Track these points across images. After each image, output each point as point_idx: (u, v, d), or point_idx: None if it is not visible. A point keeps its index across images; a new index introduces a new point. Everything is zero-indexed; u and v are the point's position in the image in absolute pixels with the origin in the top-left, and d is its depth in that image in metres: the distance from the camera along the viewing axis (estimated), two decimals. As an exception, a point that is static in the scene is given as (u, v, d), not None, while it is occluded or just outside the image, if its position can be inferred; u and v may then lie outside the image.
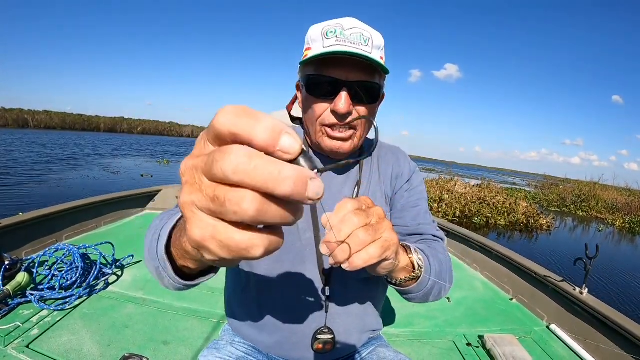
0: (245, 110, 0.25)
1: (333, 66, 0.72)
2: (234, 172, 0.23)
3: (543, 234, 10.13)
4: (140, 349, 1.59)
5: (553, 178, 26.93)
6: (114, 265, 2.32)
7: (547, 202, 16.77)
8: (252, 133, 0.24)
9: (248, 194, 0.23)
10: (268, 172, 0.23)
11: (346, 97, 0.72)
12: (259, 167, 0.23)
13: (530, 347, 1.92)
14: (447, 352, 1.85)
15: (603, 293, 5.43)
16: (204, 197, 0.25)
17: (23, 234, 2.41)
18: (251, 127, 0.24)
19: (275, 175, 0.23)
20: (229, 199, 0.24)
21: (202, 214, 0.26)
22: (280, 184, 0.23)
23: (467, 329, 2.10)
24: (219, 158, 0.23)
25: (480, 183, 14.95)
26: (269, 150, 0.24)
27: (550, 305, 2.33)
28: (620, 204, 17.07)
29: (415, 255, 0.64)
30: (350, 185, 0.88)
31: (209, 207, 0.25)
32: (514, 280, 2.70)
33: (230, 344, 0.94)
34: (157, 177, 13.17)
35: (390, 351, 0.96)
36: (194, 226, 0.27)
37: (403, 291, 0.68)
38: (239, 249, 0.26)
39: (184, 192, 0.27)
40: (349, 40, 0.72)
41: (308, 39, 0.77)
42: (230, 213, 0.24)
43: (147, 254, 0.55)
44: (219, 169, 0.23)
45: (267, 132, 0.24)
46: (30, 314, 1.71)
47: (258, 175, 0.23)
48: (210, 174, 0.24)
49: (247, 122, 0.24)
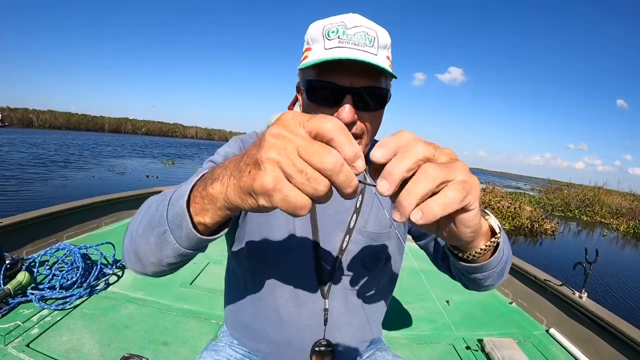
0: (344, 129, 0.34)
1: (336, 71, 0.67)
2: (331, 169, 0.33)
3: (547, 238, 10.14)
4: (140, 350, 1.59)
5: (557, 182, 26.94)
6: (115, 265, 2.32)
7: (551, 207, 16.79)
8: (344, 149, 0.33)
9: (326, 181, 0.34)
10: (345, 176, 0.33)
11: (350, 107, 0.67)
12: (344, 171, 0.33)
13: (529, 351, 1.92)
14: (446, 356, 1.85)
15: (606, 298, 5.43)
16: (292, 165, 0.34)
17: (24, 234, 2.41)
18: (345, 144, 0.34)
19: (349, 180, 0.34)
20: (314, 178, 0.33)
21: (279, 170, 0.34)
22: (348, 186, 0.34)
23: (466, 332, 2.10)
24: (324, 153, 0.33)
25: (484, 187, 14.95)
26: (349, 162, 0.34)
27: (549, 309, 2.33)
28: (624, 209, 17.09)
29: (491, 217, 0.53)
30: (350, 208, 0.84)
31: (290, 172, 0.34)
32: (514, 284, 2.70)
33: (228, 345, 0.93)
34: (162, 178, 13.21)
35: (389, 355, 0.95)
36: (269, 175, 0.34)
37: (478, 268, 0.57)
38: (295, 206, 0.34)
39: (271, 150, 0.34)
40: (352, 41, 0.66)
41: (308, 38, 0.72)
42: (307, 186, 0.34)
43: (141, 229, 0.54)
44: (320, 160, 0.33)
45: (352, 153, 0.34)
46: (31, 313, 1.71)
47: (341, 176, 0.33)
48: (308, 159, 0.33)
49: (344, 139, 0.34)
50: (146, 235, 0.53)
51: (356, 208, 0.83)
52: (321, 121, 0.34)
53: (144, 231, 0.53)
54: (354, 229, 0.82)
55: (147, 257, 0.54)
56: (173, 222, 0.48)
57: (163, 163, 20.72)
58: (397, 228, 0.88)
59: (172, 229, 0.49)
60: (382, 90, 0.71)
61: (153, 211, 0.53)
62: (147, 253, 0.53)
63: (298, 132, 0.35)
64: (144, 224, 0.54)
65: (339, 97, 0.68)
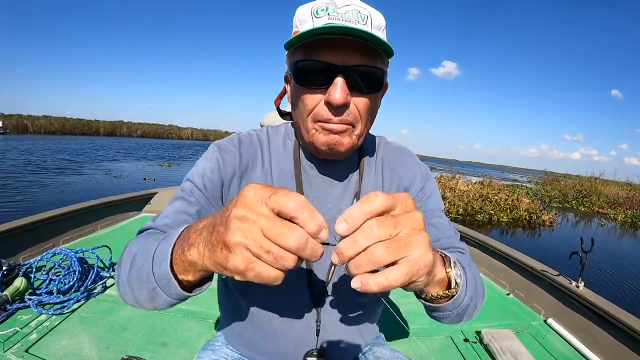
0: (305, 205, 0.36)
1: (326, 49, 0.60)
2: (296, 247, 0.35)
3: (546, 229, 10.21)
4: (138, 351, 1.59)
5: (554, 174, 27.04)
6: (112, 268, 2.32)
7: (548, 198, 16.89)
8: (307, 226, 0.36)
9: (293, 257, 0.37)
10: (311, 250, 0.36)
11: (342, 84, 0.60)
12: (309, 246, 0.36)
13: (527, 342, 1.94)
14: (445, 349, 1.87)
15: (605, 287, 5.47)
16: (259, 247, 0.36)
17: (20, 240, 2.40)
18: (307, 220, 0.36)
19: (314, 252, 0.36)
20: (281, 256, 0.36)
21: (247, 252, 0.37)
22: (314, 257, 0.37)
23: (464, 324, 2.11)
24: (288, 233, 0.35)
25: (481, 180, 15.00)
26: (313, 236, 0.36)
27: (547, 300, 2.35)
28: (621, 199, 17.19)
29: (454, 271, 0.54)
30: (349, 197, 0.78)
31: (258, 253, 0.36)
32: (511, 275, 2.72)
33: (225, 345, 0.93)
34: (159, 180, 13.20)
35: (387, 350, 0.95)
36: (238, 258, 0.37)
37: (432, 308, 0.59)
38: (269, 279, 0.38)
39: (237, 234, 0.37)
40: (343, 18, 0.60)
41: (296, 21, 0.66)
42: (276, 264, 0.37)
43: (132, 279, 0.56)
44: (285, 240, 0.35)
45: (315, 227, 0.36)
46: (29, 319, 1.71)
47: (307, 251, 0.36)
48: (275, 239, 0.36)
49: (306, 215, 0.36)
50: (139, 288, 0.55)
51: None
52: (283, 199, 0.36)
53: (136, 284, 0.55)
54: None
55: (143, 304, 0.57)
56: (161, 281, 0.51)
57: (160, 165, 20.73)
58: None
59: (161, 286, 0.51)
60: (378, 71, 0.64)
61: (139, 266, 0.54)
62: (142, 301, 0.57)
63: (261, 212, 0.37)
64: (133, 276, 0.56)
65: (329, 77, 0.61)
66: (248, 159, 0.77)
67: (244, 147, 0.78)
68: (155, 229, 0.70)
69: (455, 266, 0.55)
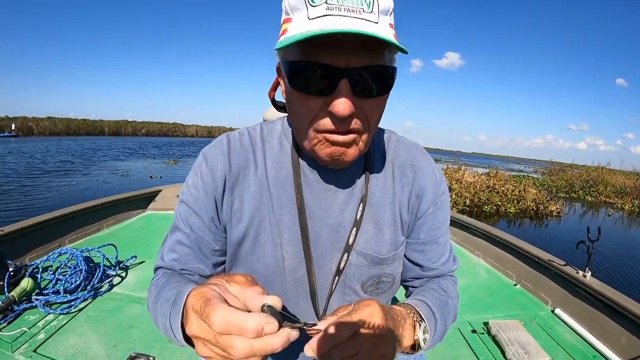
0: (231, 315, 0.38)
1: (326, 47, 0.50)
2: (244, 356, 0.37)
3: (553, 220, 10.15)
4: (146, 349, 1.60)
5: (560, 164, 26.85)
6: (118, 266, 2.33)
7: (555, 188, 16.78)
8: (244, 333, 0.37)
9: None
10: (263, 348, 0.37)
11: (348, 92, 0.51)
12: (259, 348, 0.37)
13: (535, 332, 1.93)
14: (453, 339, 1.86)
15: (613, 277, 5.43)
16: (215, 350, 0.40)
17: (26, 240, 2.42)
18: (242, 330, 0.37)
19: (269, 347, 0.37)
20: (234, 353, 0.38)
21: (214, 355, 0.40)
22: (274, 349, 0.38)
23: (472, 315, 2.11)
24: (229, 350, 0.38)
25: (488, 171, 14.92)
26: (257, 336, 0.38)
27: (554, 290, 2.33)
28: (628, 188, 17.06)
29: (422, 335, 0.59)
30: (354, 204, 0.70)
31: (219, 356, 0.40)
32: (518, 265, 2.70)
33: None
34: (166, 178, 13.22)
35: None
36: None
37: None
38: None
39: (201, 349, 0.42)
40: (344, 6, 0.49)
41: (286, 5, 0.54)
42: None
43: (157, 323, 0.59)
44: (232, 355, 0.38)
45: (254, 332, 0.37)
46: (37, 319, 1.72)
47: (259, 352, 0.37)
48: (225, 351, 0.38)
49: (238, 328, 0.37)
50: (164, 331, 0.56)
51: (356, 221, 0.69)
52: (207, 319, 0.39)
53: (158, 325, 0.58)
54: (352, 246, 0.69)
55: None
56: (179, 343, 0.53)
57: (165, 163, 20.83)
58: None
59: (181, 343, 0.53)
60: (388, 70, 0.54)
61: (159, 322, 0.57)
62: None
63: (203, 327, 0.41)
64: (156, 322, 0.59)
65: (331, 83, 0.51)
66: (239, 166, 0.69)
67: (233, 152, 0.69)
68: (165, 269, 0.71)
69: (425, 331, 0.60)
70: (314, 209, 0.69)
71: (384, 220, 0.71)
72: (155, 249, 2.80)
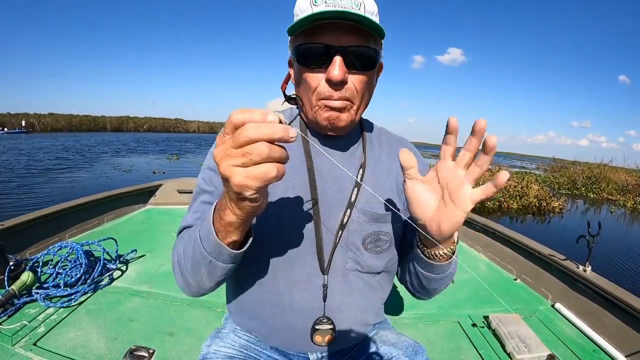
0: (246, 109, 0.45)
1: (324, 32, 0.68)
2: (253, 134, 0.43)
3: (555, 216, 10.16)
4: (146, 341, 1.60)
5: (562, 161, 26.80)
6: (118, 260, 2.34)
7: (557, 185, 16.80)
8: (252, 117, 0.44)
9: (261, 144, 0.44)
10: (268, 130, 0.43)
11: (340, 63, 0.68)
12: (263, 128, 0.43)
13: (535, 326, 1.92)
14: (452, 333, 1.86)
15: (613, 272, 5.43)
16: (237, 157, 0.45)
17: (26, 234, 2.42)
18: (252, 115, 0.44)
19: (272, 130, 0.43)
20: (252, 149, 0.44)
21: (238, 168, 0.45)
22: (275, 134, 0.44)
23: (472, 310, 2.11)
24: (241, 131, 0.43)
25: (490, 168, 14.90)
26: (263, 121, 0.44)
27: (554, 284, 2.33)
28: (630, 185, 17.04)
29: (456, 239, 0.69)
30: (355, 169, 0.85)
31: (241, 160, 0.45)
32: (518, 260, 2.70)
33: (232, 331, 0.93)
34: (169, 174, 13.23)
35: (393, 333, 0.95)
36: (235, 175, 0.46)
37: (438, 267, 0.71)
38: (263, 174, 0.45)
39: (223, 161, 0.46)
40: (339, 5, 0.68)
41: (297, 10, 0.74)
42: (255, 156, 0.44)
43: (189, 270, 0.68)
44: (244, 135, 0.43)
45: (260, 115, 0.44)
46: (37, 313, 1.72)
47: (264, 132, 0.43)
48: (238, 143, 0.44)
49: (249, 114, 0.44)
50: (198, 272, 0.67)
51: (356, 183, 0.82)
52: (228, 122, 0.46)
53: (193, 268, 0.67)
54: (354, 204, 0.81)
55: (205, 285, 0.70)
56: (213, 252, 0.61)
57: (168, 158, 20.90)
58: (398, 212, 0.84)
59: (215, 256, 0.62)
60: (372, 51, 0.72)
61: (191, 252, 0.66)
62: (204, 282, 0.69)
63: (224, 141, 0.47)
64: (189, 264, 0.68)
65: (328, 57, 0.69)
66: None
67: None
68: (190, 227, 0.79)
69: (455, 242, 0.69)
70: (321, 170, 0.82)
71: (382, 185, 0.86)
72: (155, 243, 2.81)
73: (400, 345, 0.89)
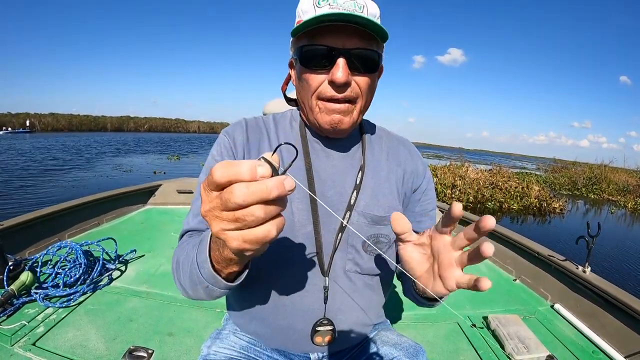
0: (230, 163, 0.37)
1: (327, 34, 0.68)
2: (243, 200, 0.36)
3: (556, 217, 10.16)
4: (145, 342, 1.60)
5: (562, 161, 26.80)
6: (117, 260, 2.33)
7: (558, 186, 16.83)
8: (239, 175, 0.37)
9: (255, 207, 0.37)
10: (260, 191, 0.36)
11: (344, 65, 0.68)
12: (254, 190, 0.36)
13: (534, 327, 1.92)
14: (452, 334, 1.86)
15: (613, 274, 5.42)
16: (229, 222, 0.39)
17: (25, 234, 2.42)
18: (238, 172, 0.37)
19: (265, 190, 0.36)
20: (246, 214, 0.38)
21: (231, 232, 0.40)
22: (270, 194, 0.37)
23: (471, 310, 2.11)
24: (229, 197, 0.37)
25: (491, 168, 14.94)
26: (253, 180, 0.37)
27: (553, 285, 2.33)
28: (631, 186, 17.06)
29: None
30: (354, 172, 0.85)
31: (235, 226, 0.39)
32: (517, 260, 2.70)
33: (233, 333, 0.93)
34: (170, 174, 13.24)
35: (394, 334, 0.95)
36: (231, 241, 0.40)
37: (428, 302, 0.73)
38: (262, 237, 0.40)
39: (213, 222, 0.40)
40: (342, 7, 0.68)
41: (299, 11, 0.73)
42: (250, 222, 0.38)
43: (187, 284, 0.66)
44: (233, 202, 0.37)
45: (249, 171, 0.36)
46: (36, 312, 1.72)
47: (256, 196, 0.36)
48: (227, 208, 0.38)
49: (235, 170, 0.37)
50: (195, 289, 0.64)
51: (356, 185, 0.83)
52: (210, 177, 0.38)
53: (191, 286, 0.65)
54: (354, 206, 0.81)
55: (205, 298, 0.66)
56: (210, 280, 0.58)
57: (169, 159, 20.95)
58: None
59: (212, 284, 0.59)
60: (375, 53, 0.72)
61: (189, 272, 0.63)
62: (203, 297, 0.66)
63: (211, 198, 0.40)
64: (187, 280, 0.65)
65: (332, 59, 0.69)
66: (256, 139, 0.84)
67: (250, 129, 0.85)
68: (192, 230, 0.80)
69: None
70: (320, 172, 0.82)
71: (381, 188, 0.86)
72: (155, 243, 2.80)
73: (401, 346, 0.89)
